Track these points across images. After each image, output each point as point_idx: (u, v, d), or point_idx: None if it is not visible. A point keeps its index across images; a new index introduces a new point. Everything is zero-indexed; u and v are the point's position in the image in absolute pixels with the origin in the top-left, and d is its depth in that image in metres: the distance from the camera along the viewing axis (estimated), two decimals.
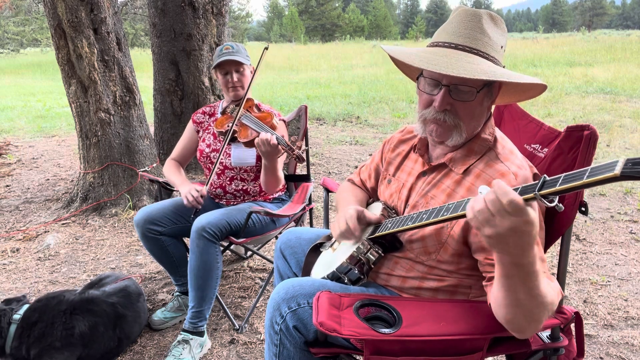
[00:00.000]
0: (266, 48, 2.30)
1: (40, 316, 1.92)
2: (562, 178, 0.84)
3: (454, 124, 1.24)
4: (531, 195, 0.87)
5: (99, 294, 2.08)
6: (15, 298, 2.06)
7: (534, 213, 0.89)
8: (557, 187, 0.84)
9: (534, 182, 0.89)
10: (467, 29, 1.21)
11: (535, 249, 0.95)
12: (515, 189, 0.91)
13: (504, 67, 1.25)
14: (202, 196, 2.15)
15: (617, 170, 0.75)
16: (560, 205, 0.86)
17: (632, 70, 12.26)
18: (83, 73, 3.57)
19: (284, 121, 2.41)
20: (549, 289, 1.04)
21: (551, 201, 0.86)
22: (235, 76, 2.27)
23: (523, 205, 0.87)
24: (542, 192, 0.86)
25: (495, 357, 1.99)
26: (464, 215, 0.99)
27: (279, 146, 1.94)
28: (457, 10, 1.26)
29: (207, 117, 2.47)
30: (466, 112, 1.23)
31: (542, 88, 1.23)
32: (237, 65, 2.26)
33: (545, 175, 0.89)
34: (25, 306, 1.98)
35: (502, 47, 1.24)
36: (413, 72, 1.37)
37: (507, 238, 0.90)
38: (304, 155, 1.95)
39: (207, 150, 2.37)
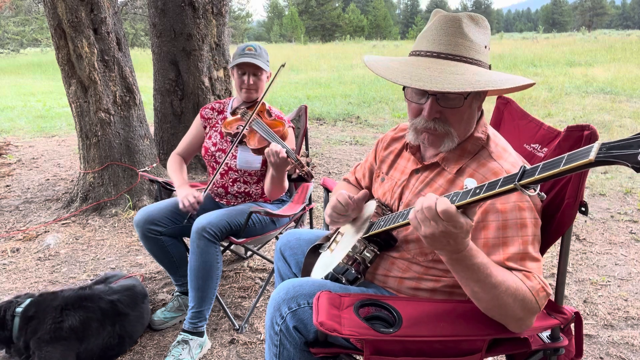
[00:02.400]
0: (282, 65, 2.26)
1: (36, 311, 1.97)
2: (540, 167, 0.86)
3: (444, 132, 1.24)
4: (511, 185, 0.89)
5: (98, 292, 2.10)
6: (25, 294, 2.11)
7: (463, 219, 0.99)
8: (536, 176, 0.85)
9: (513, 173, 0.90)
10: (448, 35, 1.18)
11: (468, 245, 1.04)
12: (497, 181, 0.93)
13: (489, 65, 1.24)
14: (198, 202, 2.14)
15: (592, 156, 0.76)
16: (542, 194, 0.87)
17: (632, 70, 12.25)
18: (83, 73, 3.57)
19: (293, 128, 2.40)
20: (516, 284, 1.09)
21: (533, 190, 0.87)
22: (252, 79, 2.24)
23: (454, 213, 0.98)
24: (522, 181, 0.87)
25: (496, 357, 1.99)
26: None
27: (288, 159, 1.92)
28: (435, 16, 1.23)
29: (216, 113, 2.45)
30: (456, 118, 1.23)
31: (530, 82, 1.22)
32: (256, 69, 2.24)
33: (524, 165, 0.89)
34: (28, 300, 2.02)
35: (485, 46, 1.22)
36: None
37: (441, 239, 1.01)
38: (313, 172, 1.93)
39: (212, 148, 2.36)
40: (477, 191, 0.96)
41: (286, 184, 2.18)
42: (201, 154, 2.42)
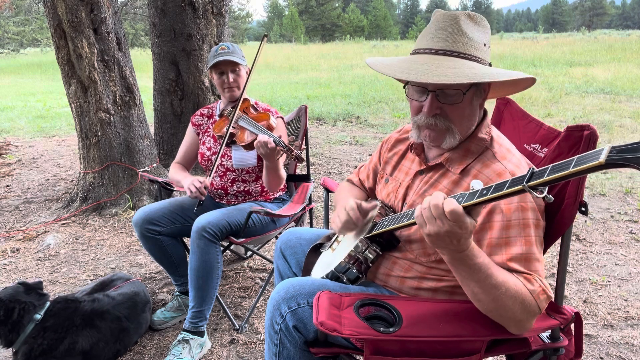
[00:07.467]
0: (265, 35, 2.27)
1: (54, 324, 1.90)
2: (549, 169, 0.85)
3: (445, 127, 1.25)
4: (520, 187, 0.88)
5: (107, 306, 2.05)
6: (34, 286, 1.97)
7: (469, 220, 0.99)
8: (545, 178, 0.85)
9: (522, 175, 0.90)
10: (446, 32, 1.21)
11: (470, 245, 1.05)
12: (505, 182, 0.93)
13: (490, 63, 1.25)
14: (205, 187, 2.13)
15: (602, 158, 0.76)
16: (550, 196, 0.86)
17: (632, 70, 12.25)
18: (83, 73, 3.57)
19: (282, 119, 2.40)
20: (517, 286, 1.10)
21: (540, 192, 0.87)
22: (231, 76, 2.25)
23: (461, 213, 0.98)
24: (531, 183, 0.87)
25: (496, 357, 1.99)
26: None
27: (277, 147, 1.95)
28: (435, 15, 1.26)
29: (206, 119, 2.46)
30: (456, 114, 1.24)
31: (532, 80, 1.23)
32: (233, 66, 2.25)
33: (533, 166, 0.89)
34: (47, 305, 1.94)
35: (485, 44, 1.24)
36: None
37: (445, 238, 1.02)
38: (303, 155, 1.96)
39: (207, 153, 2.36)
40: (484, 192, 0.96)
41: (283, 172, 2.18)
42: (198, 161, 2.42)
